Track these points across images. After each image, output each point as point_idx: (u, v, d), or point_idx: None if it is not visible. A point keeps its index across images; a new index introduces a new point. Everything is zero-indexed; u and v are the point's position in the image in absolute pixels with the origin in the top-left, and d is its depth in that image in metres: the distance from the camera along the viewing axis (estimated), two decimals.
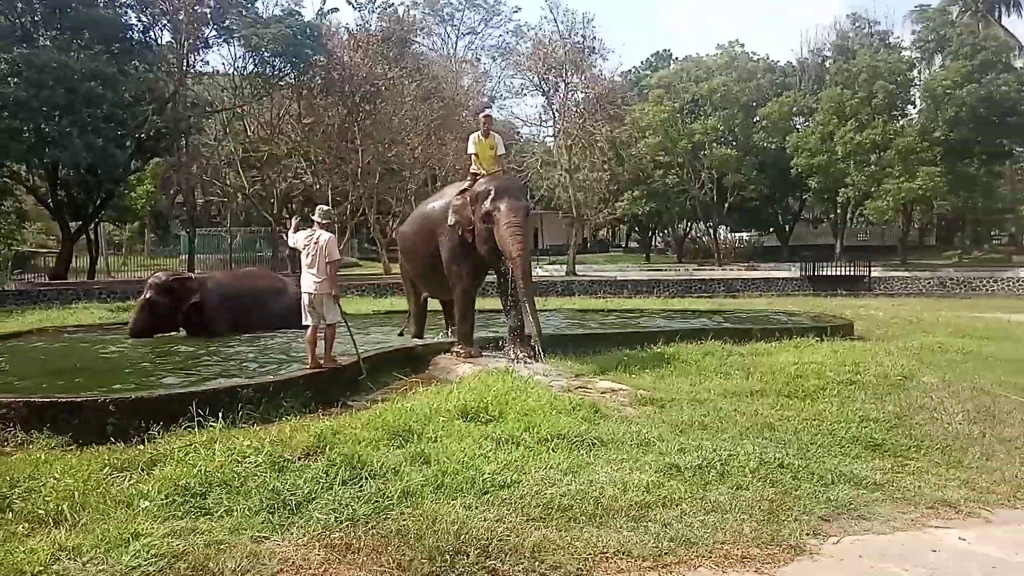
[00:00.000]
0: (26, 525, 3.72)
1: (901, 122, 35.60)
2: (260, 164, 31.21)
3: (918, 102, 36.77)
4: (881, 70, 34.17)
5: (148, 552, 3.38)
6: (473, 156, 9.30)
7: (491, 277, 9.55)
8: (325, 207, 8.17)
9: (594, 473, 4.61)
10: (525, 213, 8.69)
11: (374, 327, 11.96)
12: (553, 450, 5.06)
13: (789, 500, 4.32)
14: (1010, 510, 4.34)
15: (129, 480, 4.33)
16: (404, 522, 3.85)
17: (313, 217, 7.83)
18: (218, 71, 31.42)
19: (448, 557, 3.52)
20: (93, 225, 27.95)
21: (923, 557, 3.71)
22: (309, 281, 7.59)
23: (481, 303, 9.90)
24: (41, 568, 3.24)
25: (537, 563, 3.54)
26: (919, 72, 37.47)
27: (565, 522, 3.96)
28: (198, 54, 28.52)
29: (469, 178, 9.20)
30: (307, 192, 33.27)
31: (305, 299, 7.65)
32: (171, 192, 38.05)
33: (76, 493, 4.05)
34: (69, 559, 3.33)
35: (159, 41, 27.50)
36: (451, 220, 8.83)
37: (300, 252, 7.76)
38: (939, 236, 48.34)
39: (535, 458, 4.89)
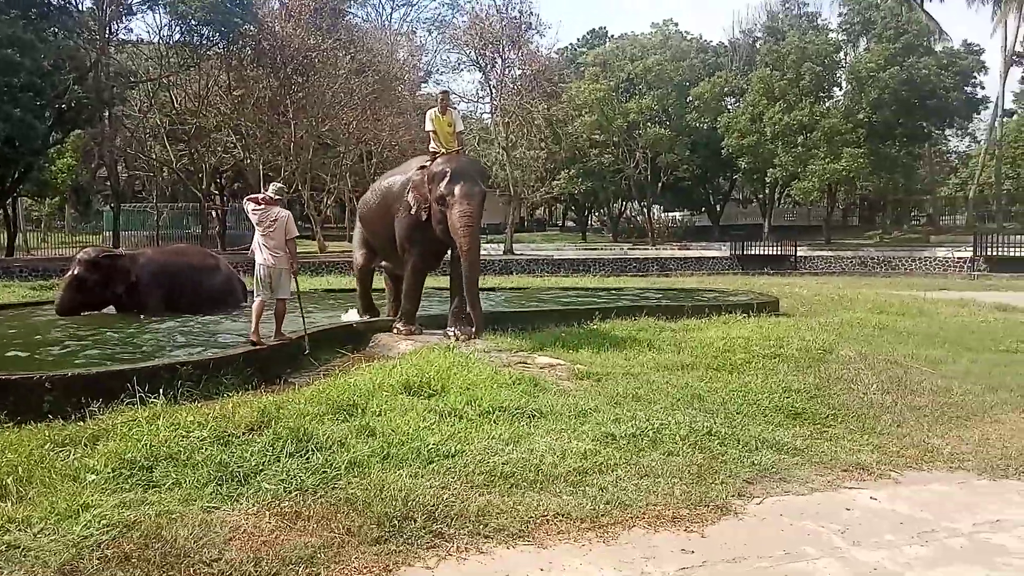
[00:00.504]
0: None
1: (827, 104, 36.70)
2: (188, 137, 30.36)
3: (843, 84, 37.95)
4: (809, 52, 35.12)
5: (99, 522, 3.42)
6: (431, 133, 9.14)
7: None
8: (279, 184, 8.40)
9: (534, 442, 4.80)
10: (480, 199, 8.60)
11: (314, 305, 11.90)
12: (495, 422, 5.23)
13: (716, 464, 4.58)
14: (917, 472, 4.70)
15: (73, 455, 4.33)
16: (352, 491, 3.97)
17: (267, 193, 7.94)
18: (143, 40, 30.40)
19: (396, 523, 3.66)
20: (11, 200, 26.84)
21: (838, 515, 4.01)
22: (266, 255, 7.71)
23: (429, 280, 9.99)
24: None
25: (481, 526, 3.71)
26: (845, 54, 38.64)
27: (507, 488, 4.13)
28: (121, 21, 27.64)
29: (429, 156, 9.08)
30: (237, 167, 32.63)
31: (261, 271, 7.73)
32: (93, 166, 36.73)
33: (20, 468, 4.04)
34: (19, 530, 3.35)
35: (80, 7, 26.39)
36: (408, 197, 8.76)
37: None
38: (862, 216, 50.21)
39: (478, 429, 5.05)
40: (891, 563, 3.46)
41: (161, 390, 5.71)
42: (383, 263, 10.11)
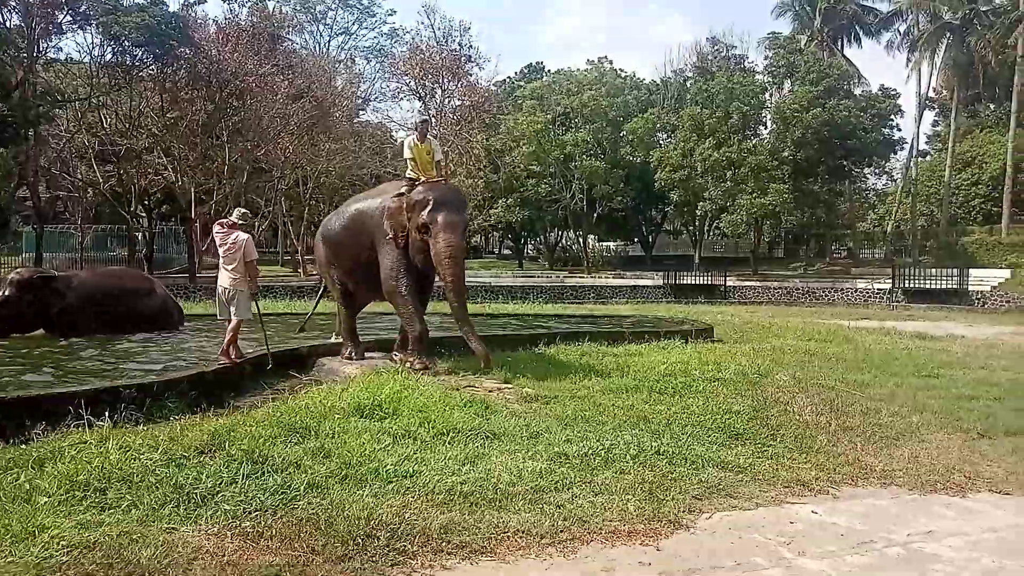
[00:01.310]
0: None
1: (754, 141, 38.11)
2: (117, 158, 29.57)
3: (769, 123, 39.51)
4: (737, 92, 36.50)
5: (58, 543, 3.36)
6: (410, 161, 8.83)
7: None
8: (242, 209, 8.73)
9: (490, 462, 4.88)
10: (463, 228, 8.46)
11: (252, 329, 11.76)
12: (450, 443, 5.30)
13: (666, 482, 4.74)
14: (853, 487, 4.95)
15: (21, 477, 4.22)
16: (313, 511, 3.98)
17: (231, 218, 8.34)
18: (72, 59, 29.63)
19: (359, 541, 3.70)
20: None
21: (783, 527, 4.20)
22: (225, 277, 8.12)
23: (371, 307, 10.03)
24: None
25: (444, 543, 3.77)
26: (770, 95, 40.26)
27: (468, 506, 4.20)
28: (50, 39, 26.83)
29: (406, 182, 8.75)
30: (168, 189, 31.83)
31: (221, 291, 8.12)
32: (12, 185, 35.41)
33: None
34: None
35: (7, 24, 25.64)
36: (384, 225, 8.46)
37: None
38: (786, 249, 51.92)
39: (433, 450, 5.12)
40: (834, 571, 3.66)
41: (105, 413, 5.61)
42: (340, 284, 9.59)
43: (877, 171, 45.93)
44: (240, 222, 8.33)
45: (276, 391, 7.60)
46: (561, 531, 3.99)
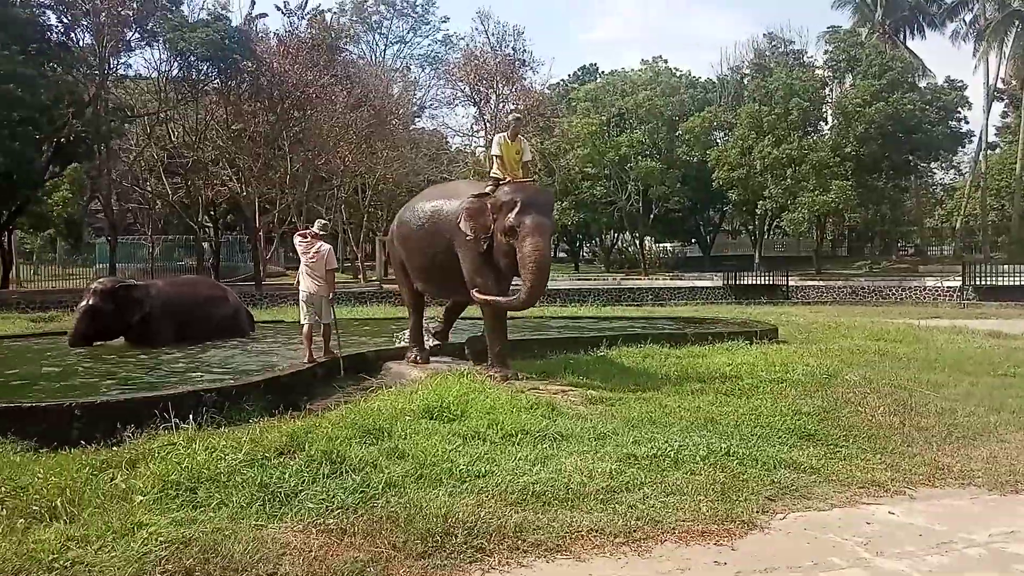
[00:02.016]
0: (23, 520, 3.81)
1: (815, 137, 37.42)
2: (184, 171, 30.58)
3: (830, 119, 38.73)
4: (796, 88, 35.88)
5: (156, 539, 3.54)
6: (496, 159, 8.47)
7: None
8: (323, 220, 9.39)
9: (560, 463, 4.95)
10: (551, 232, 8.14)
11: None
12: (519, 444, 5.38)
13: (738, 483, 4.74)
14: (930, 488, 4.87)
15: (116, 477, 4.44)
16: (392, 509, 4.11)
17: (313, 229, 9.05)
18: (141, 75, 30.72)
19: (438, 538, 3.80)
20: (6, 233, 26.92)
21: (859, 528, 4.17)
22: (310, 283, 8.70)
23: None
24: (54, 556, 3.37)
25: (520, 541, 3.85)
26: (831, 90, 39.47)
27: (540, 506, 4.28)
28: (120, 57, 27.83)
29: (490, 182, 8.36)
30: (233, 199, 32.75)
31: (303, 296, 8.71)
32: (85, 199, 36.88)
33: (67, 490, 4.15)
34: (79, 548, 3.46)
35: (79, 43, 26.70)
36: (465, 227, 7.97)
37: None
38: (850, 247, 50.83)
39: (503, 451, 5.20)
40: (914, 572, 3.63)
41: (189, 416, 5.85)
42: (409, 284, 9.35)
43: (944, 165, 44.60)
44: (322, 232, 8.98)
45: (347, 394, 7.80)
46: (634, 530, 4.03)
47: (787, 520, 4.29)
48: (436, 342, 9.60)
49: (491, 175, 8.53)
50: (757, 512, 4.34)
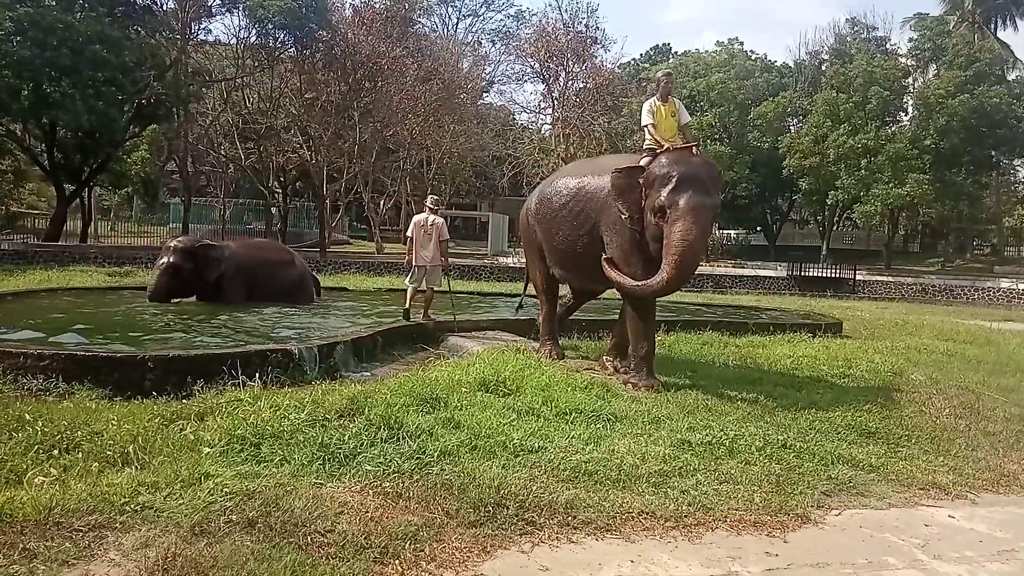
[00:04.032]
0: (97, 464, 4.01)
1: (893, 128, 36.14)
2: (257, 136, 31.25)
3: (910, 109, 37.35)
4: (876, 76, 34.66)
5: (221, 490, 3.70)
6: (649, 127, 7.30)
7: None
8: (434, 196, 10.16)
9: (613, 444, 4.97)
10: (711, 215, 6.79)
11: (382, 304, 12.29)
12: (572, 422, 5.42)
13: (793, 476, 4.70)
14: (993, 495, 4.75)
15: (186, 429, 4.63)
16: (446, 477, 4.19)
17: (426, 203, 9.86)
18: (220, 41, 31.45)
19: (490, 508, 3.87)
20: (87, 189, 27.94)
21: (917, 530, 4.10)
22: (425, 253, 9.57)
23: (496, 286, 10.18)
24: (126, 499, 3.55)
25: (570, 517, 3.89)
26: (913, 80, 38.02)
27: (592, 484, 4.31)
28: (201, 22, 28.53)
29: (645, 153, 7.23)
30: (303, 166, 33.39)
31: (416, 269, 9.61)
32: (162, 160, 38.01)
33: (139, 437, 4.35)
34: (149, 493, 3.64)
35: (163, 7, 27.40)
36: (614, 206, 7.02)
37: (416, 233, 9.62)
38: (923, 243, 49.20)
39: (556, 428, 5.25)
40: None
41: (252, 374, 6.04)
42: (543, 269, 8.48)
43: None
44: (434, 207, 9.73)
45: (406, 363, 7.93)
46: (685, 516, 4.04)
47: (842, 516, 4.24)
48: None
49: (645, 147, 7.36)
50: (812, 506, 4.30)
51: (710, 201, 6.70)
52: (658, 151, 7.01)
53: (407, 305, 9.59)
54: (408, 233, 9.92)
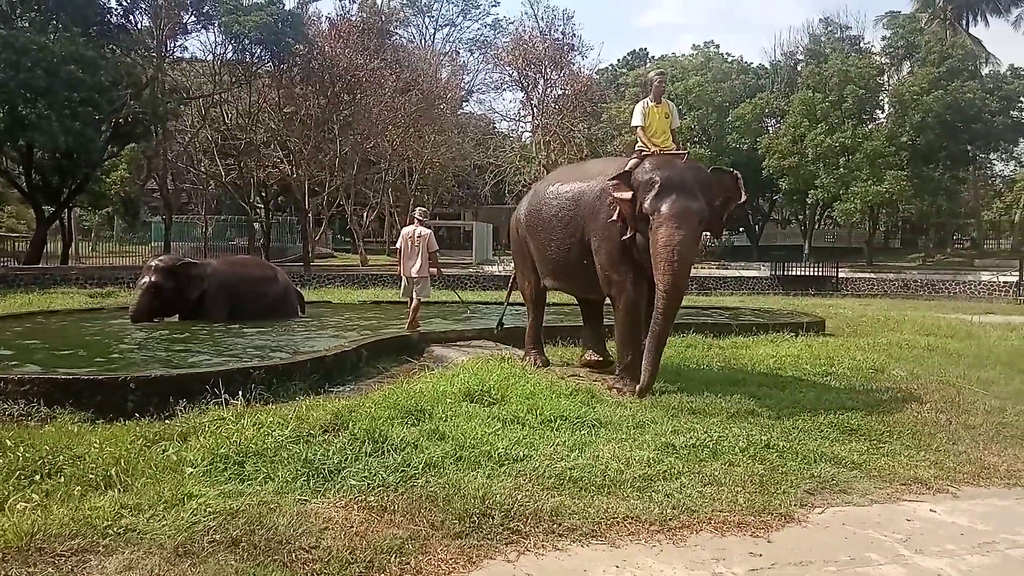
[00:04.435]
0: (80, 488, 3.98)
1: (870, 126, 36.50)
2: (237, 152, 31.17)
3: (886, 107, 37.74)
4: (851, 75, 35.01)
5: (205, 510, 3.68)
6: (639, 130, 7.21)
7: None
8: (422, 208, 10.46)
9: (598, 450, 4.99)
10: (696, 221, 6.58)
11: (365, 318, 12.26)
12: (557, 430, 5.43)
13: (777, 476, 4.73)
14: (975, 488, 4.79)
15: (168, 449, 4.61)
16: (431, 489, 4.19)
17: (415, 216, 10.18)
18: (196, 57, 31.35)
19: (476, 519, 3.87)
20: (67, 210, 27.75)
21: (899, 525, 4.13)
22: (412, 265, 9.83)
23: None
24: (109, 522, 3.53)
25: (556, 525, 3.90)
26: (888, 77, 38.43)
27: (577, 491, 4.33)
28: (177, 39, 28.48)
29: (635, 156, 7.07)
30: (284, 181, 33.31)
31: (405, 281, 10.00)
32: (142, 178, 37.81)
33: (121, 460, 4.32)
34: (132, 515, 3.62)
35: (138, 25, 27.33)
36: (603, 216, 6.94)
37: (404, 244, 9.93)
38: (904, 239, 49.68)
39: (542, 436, 5.25)
40: (954, 570, 3.59)
41: (236, 392, 6.02)
42: (532, 279, 8.41)
43: (1004, 157, 43.09)
44: (422, 219, 10.03)
45: (390, 376, 7.94)
46: (670, 519, 4.05)
47: (825, 514, 4.27)
48: (597, 357, 8.29)
49: (636, 149, 7.21)
50: (795, 505, 4.33)
51: (696, 205, 6.56)
52: (644, 155, 6.97)
53: (411, 321, 9.79)
54: (397, 245, 10.22)
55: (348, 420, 5.26)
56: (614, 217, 6.79)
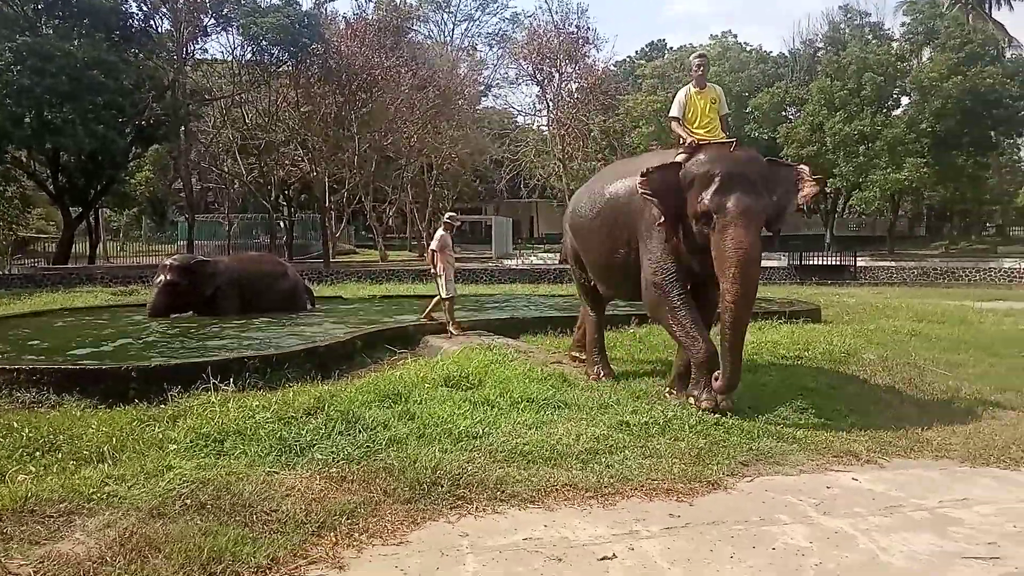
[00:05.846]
0: (74, 462, 4.47)
1: (890, 114, 36.27)
2: (258, 151, 31.88)
3: (909, 94, 37.44)
4: (870, 62, 34.81)
5: (180, 479, 4.13)
6: (675, 122, 6.64)
7: None
8: (451, 212, 11.25)
9: (555, 428, 5.37)
10: (762, 221, 5.98)
11: (376, 310, 12.72)
12: (522, 410, 5.82)
13: (717, 449, 5.08)
14: (904, 459, 5.11)
15: (157, 429, 5.09)
16: (390, 461, 4.61)
17: (445, 220, 10.56)
18: (216, 59, 32.06)
19: (425, 487, 4.29)
20: (93, 211, 28.63)
21: (819, 492, 4.47)
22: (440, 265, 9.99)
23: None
24: (94, 489, 3.99)
25: (499, 492, 4.31)
26: (908, 64, 38.10)
27: (525, 463, 4.72)
28: (197, 42, 29.21)
29: (682, 148, 6.34)
30: (304, 179, 33.99)
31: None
32: (168, 179, 38.74)
33: (113, 438, 4.81)
34: (115, 484, 4.08)
35: (159, 29, 28.11)
36: (647, 212, 6.23)
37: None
38: (929, 227, 49.16)
39: (505, 416, 5.65)
40: (851, 528, 3.93)
41: (231, 380, 6.49)
42: (584, 281, 7.95)
43: None
44: (447, 221, 10.47)
45: (383, 365, 8.36)
46: (605, 487, 4.44)
47: (753, 483, 4.62)
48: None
49: (679, 142, 6.57)
50: (726, 475, 4.69)
51: (758, 203, 5.86)
52: (697, 145, 6.23)
53: (446, 316, 9.90)
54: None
55: (328, 403, 5.70)
56: (659, 219, 6.06)
